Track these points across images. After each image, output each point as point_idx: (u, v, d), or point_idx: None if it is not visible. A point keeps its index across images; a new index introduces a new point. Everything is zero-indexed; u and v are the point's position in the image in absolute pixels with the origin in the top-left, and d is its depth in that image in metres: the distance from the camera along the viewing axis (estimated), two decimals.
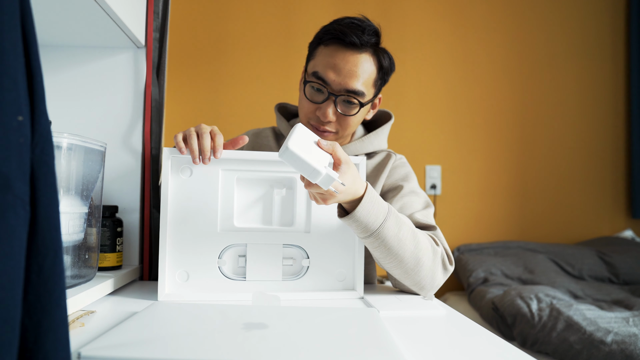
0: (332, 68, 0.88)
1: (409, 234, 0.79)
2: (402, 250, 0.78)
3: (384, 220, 0.76)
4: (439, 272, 0.84)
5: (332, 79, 0.88)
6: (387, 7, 2.37)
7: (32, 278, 0.32)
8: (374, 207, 0.75)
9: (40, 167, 0.33)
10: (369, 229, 0.75)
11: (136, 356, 0.47)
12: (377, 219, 0.75)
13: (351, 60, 0.88)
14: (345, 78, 0.88)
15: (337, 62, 0.88)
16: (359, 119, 0.95)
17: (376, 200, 0.76)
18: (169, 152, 0.77)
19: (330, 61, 0.88)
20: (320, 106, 0.90)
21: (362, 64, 0.88)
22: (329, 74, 0.88)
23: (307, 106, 0.92)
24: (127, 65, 0.99)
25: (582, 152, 2.45)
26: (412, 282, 0.83)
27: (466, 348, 0.59)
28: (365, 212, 0.74)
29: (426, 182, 2.33)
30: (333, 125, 0.92)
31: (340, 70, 0.88)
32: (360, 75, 0.88)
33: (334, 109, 0.90)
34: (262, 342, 0.52)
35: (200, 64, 2.28)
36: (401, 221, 0.79)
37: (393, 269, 0.82)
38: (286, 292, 0.81)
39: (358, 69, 0.88)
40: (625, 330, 1.23)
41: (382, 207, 0.76)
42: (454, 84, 2.40)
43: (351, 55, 0.88)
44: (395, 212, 0.79)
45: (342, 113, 0.90)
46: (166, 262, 0.77)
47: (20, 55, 0.32)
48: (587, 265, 1.99)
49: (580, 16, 2.47)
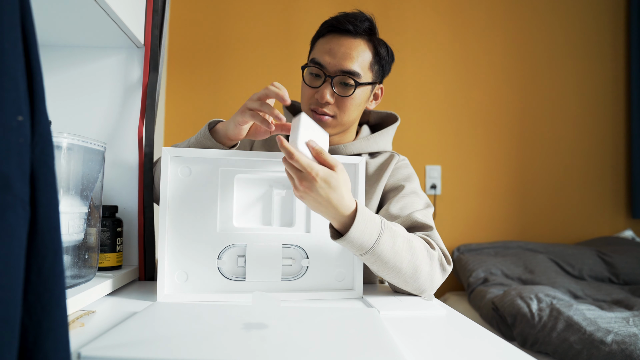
0: (327, 52, 0.93)
1: (404, 244, 0.79)
2: (399, 262, 0.78)
3: (378, 236, 0.75)
4: (437, 275, 0.84)
5: (327, 61, 0.92)
6: (386, 7, 2.37)
7: (32, 278, 0.32)
8: (367, 225, 0.74)
9: (40, 167, 0.33)
10: (364, 247, 0.75)
11: (136, 356, 0.47)
12: (372, 237, 0.75)
13: (345, 43, 0.92)
14: (340, 60, 0.91)
15: (332, 46, 0.93)
16: (358, 103, 0.96)
17: (368, 216, 0.75)
18: (168, 151, 0.77)
19: (326, 47, 0.93)
20: (318, 90, 0.93)
21: (357, 47, 0.93)
22: (324, 58, 0.92)
23: (307, 92, 0.96)
24: (127, 65, 0.99)
25: (582, 152, 2.45)
26: (412, 288, 0.83)
27: (466, 348, 0.59)
28: (359, 232, 0.74)
29: (426, 182, 2.33)
30: (331, 108, 0.94)
31: (335, 53, 0.92)
32: (355, 57, 0.92)
33: (331, 91, 0.92)
34: (262, 342, 0.52)
35: (200, 64, 2.28)
36: (395, 233, 0.78)
37: (392, 279, 0.82)
38: (285, 292, 0.81)
39: (352, 51, 0.92)
40: (625, 330, 1.23)
41: (375, 223, 0.76)
42: (454, 84, 2.40)
43: (345, 39, 0.93)
44: (388, 224, 0.78)
45: (339, 94, 0.93)
46: (165, 262, 0.77)
47: (20, 55, 0.32)
48: (587, 265, 1.99)
49: (580, 16, 2.47)
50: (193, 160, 0.79)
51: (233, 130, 0.83)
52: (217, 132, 0.87)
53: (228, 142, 0.86)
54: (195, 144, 0.88)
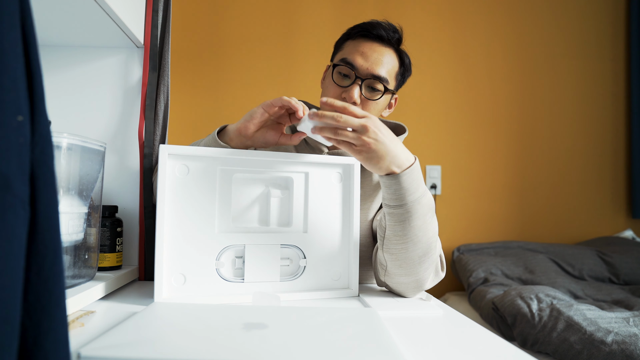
0: (360, 54, 0.96)
1: (433, 221, 0.80)
2: (421, 232, 0.77)
3: (421, 196, 0.76)
4: (432, 273, 0.84)
5: (360, 63, 0.95)
6: (386, 7, 2.37)
7: (32, 278, 0.32)
8: (418, 179, 0.76)
9: (40, 167, 0.33)
10: (405, 198, 0.75)
11: (136, 356, 0.47)
12: (417, 191, 0.76)
13: (378, 49, 0.96)
14: (373, 64, 0.95)
15: (365, 50, 0.96)
16: (379, 109, 0.99)
17: (420, 176, 0.77)
18: (166, 149, 0.75)
19: (358, 49, 0.96)
20: (346, 89, 0.96)
21: (387, 55, 0.97)
22: (357, 59, 0.95)
23: (334, 90, 0.97)
24: (127, 65, 0.99)
25: (582, 152, 2.45)
26: (408, 272, 0.80)
27: (466, 348, 0.59)
28: (410, 178, 0.75)
29: (426, 182, 2.33)
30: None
31: (368, 57, 0.95)
32: (385, 64, 0.96)
33: (359, 92, 0.95)
34: (262, 342, 0.52)
35: (200, 65, 2.28)
36: (432, 206, 0.80)
37: (399, 253, 0.79)
38: (283, 292, 0.81)
39: (383, 57, 0.96)
40: (625, 330, 1.23)
41: (423, 184, 0.78)
42: (454, 84, 2.40)
43: (378, 46, 0.97)
44: (431, 197, 0.80)
45: (367, 97, 0.96)
46: (163, 265, 0.75)
47: (20, 55, 0.32)
48: (587, 265, 1.99)
49: (579, 16, 2.47)
50: (191, 158, 0.77)
51: (245, 119, 0.82)
52: (227, 131, 0.86)
53: (236, 139, 0.84)
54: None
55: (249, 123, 0.82)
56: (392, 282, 0.85)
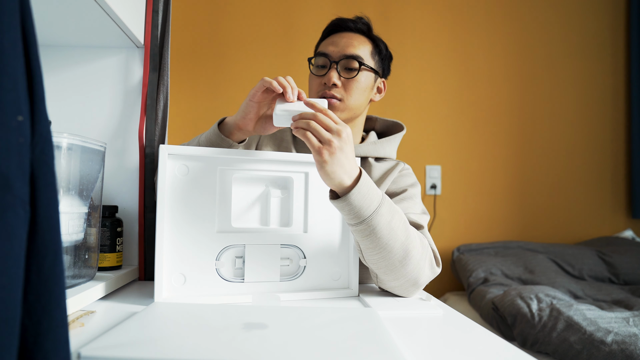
0: (331, 44, 1.02)
1: (400, 223, 0.77)
2: (392, 240, 0.75)
3: (378, 206, 0.74)
4: (426, 269, 0.81)
5: (331, 50, 1.01)
6: (386, 7, 2.37)
7: (31, 278, 0.32)
8: (369, 191, 0.73)
9: (40, 167, 0.33)
10: (361, 215, 0.73)
11: (136, 356, 0.47)
12: (372, 204, 0.73)
13: (346, 36, 1.02)
14: (343, 47, 1.00)
15: (335, 39, 1.02)
16: (363, 88, 1.00)
17: (371, 185, 0.74)
18: (166, 149, 0.75)
19: (329, 41, 1.03)
20: (324, 76, 1.00)
21: (357, 39, 1.02)
22: (328, 48, 1.01)
23: (315, 81, 1.02)
24: (127, 65, 0.99)
25: (582, 152, 2.45)
26: (398, 276, 0.79)
27: (466, 348, 0.59)
28: (360, 195, 0.72)
29: (426, 182, 2.33)
30: (339, 90, 0.99)
31: (338, 43, 1.01)
32: (356, 45, 1.01)
33: (337, 74, 0.99)
34: (262, 342, 0.52)
35: (200, 64, 2.28)
36: (394, 209, 0.77)
37: (378, 262, 0.78)
38: (283, 292, 0.81)
39: (354, 40, 1.01)
40: (625, 330, 1.23)
41: (376, 193, 0.75)
42: (454, 84, 2.40)
43: (347, 33, 1.02)
44: (389, 199, 0.77)
45: (345, 77, 0.99)
46: (163, 265, 0.75)
47: (20, 55, 0.32)
48: (587, 265, 1.99)
49: (580, 16, 2.47)
50: (191, 158, 0.77)
51: (240, 116, 0.82)
52: (226, 124, 0.86)
53: (237, 133, 0.84)
54: (205, 142, 0.86)
55: (247, 119, 0.81)
56: (386, 287, 0.85)
